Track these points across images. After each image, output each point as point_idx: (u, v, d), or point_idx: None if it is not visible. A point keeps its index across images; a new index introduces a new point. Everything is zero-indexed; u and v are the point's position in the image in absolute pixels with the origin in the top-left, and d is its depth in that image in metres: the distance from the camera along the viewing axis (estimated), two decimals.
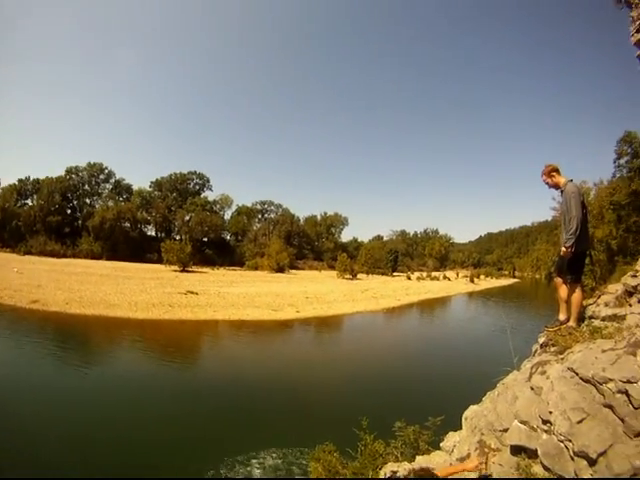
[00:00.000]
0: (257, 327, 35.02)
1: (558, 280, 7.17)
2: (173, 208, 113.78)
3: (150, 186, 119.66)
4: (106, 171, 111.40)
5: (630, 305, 5.98)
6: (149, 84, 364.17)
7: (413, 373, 25.05)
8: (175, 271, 72.81)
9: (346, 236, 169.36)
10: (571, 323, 6.71)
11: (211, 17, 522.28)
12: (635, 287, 6.09)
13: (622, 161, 59.20)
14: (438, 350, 32.00)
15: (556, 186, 7.11)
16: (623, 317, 5.60)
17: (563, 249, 6.74)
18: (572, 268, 6.88)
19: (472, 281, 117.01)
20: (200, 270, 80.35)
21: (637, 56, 7.27)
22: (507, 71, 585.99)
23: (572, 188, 6.76)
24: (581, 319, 6.87)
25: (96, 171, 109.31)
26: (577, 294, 6.76)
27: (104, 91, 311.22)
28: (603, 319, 6.10)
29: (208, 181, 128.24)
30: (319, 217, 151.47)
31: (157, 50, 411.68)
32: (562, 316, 6.98)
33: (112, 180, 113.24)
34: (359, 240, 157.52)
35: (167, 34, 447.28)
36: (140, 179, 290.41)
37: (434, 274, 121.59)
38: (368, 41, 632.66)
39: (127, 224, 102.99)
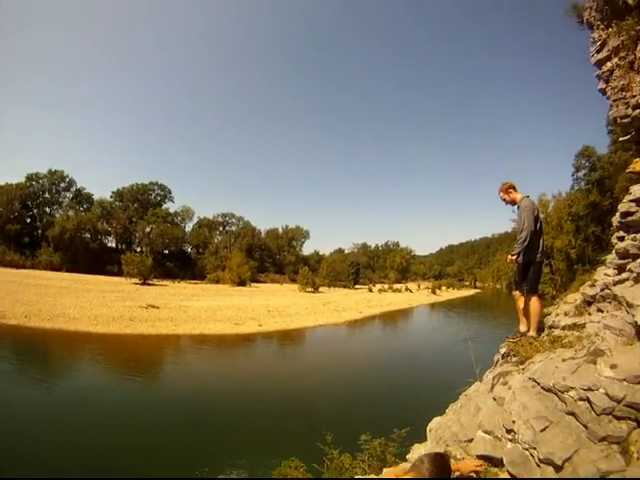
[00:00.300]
0: (219, 341, 34.86)
1: (517, 292, 7.43)
2: (134, 219, 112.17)
3: (111, 196, 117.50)
4: (67, 179, 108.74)
5: (589, 314, 6.22)
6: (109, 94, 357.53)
7: (377, 385, 25.16)
8: (136, 284, 71.74)
9: (308, 249, 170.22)
10: (531, 333, 6.97)
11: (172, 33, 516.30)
12: (594, 296, 6.36)
13: (580, 174, 61.26)
14: (402, 361, 32.21)
15: (513, 202, 7.43)
16: (583, 326, 5.81)
17: (509, 257, 7.10)
18: (527, 278, 7.17)
19: (434, 292, 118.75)
20: (161, 283, 79.52)
21: (596, 75, 7.72)
22: (470, 83, 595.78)
23: (527, 203, 7.11)
24: (541, 329, 7.12)
25: (57, 179, 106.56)
26: (535, 304, 7.03)
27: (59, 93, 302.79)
28: (563, 328, 6.31)
29: (170, 192, 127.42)
30: (281, 230, 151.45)
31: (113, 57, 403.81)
32: (522, 327, 7.23)
33: (73, 189, 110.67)
34: (321, 253, 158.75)
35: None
36: (100, 189, 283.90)
37: (396, 286, 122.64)
38: (331, 55, 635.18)
39: (87, 235, 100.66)
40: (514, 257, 7.00)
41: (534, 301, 7.08)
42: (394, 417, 12.10)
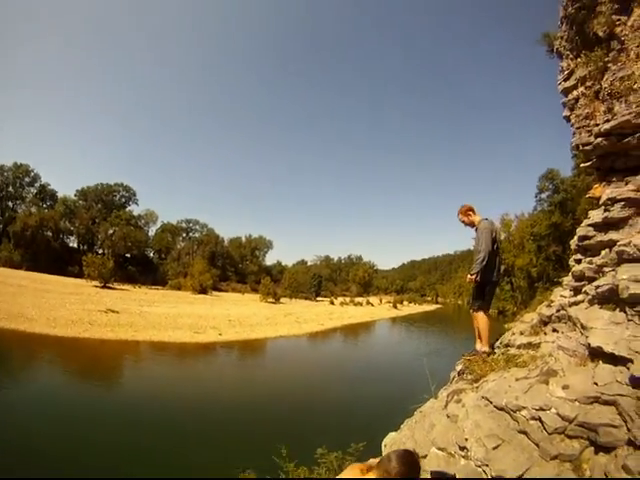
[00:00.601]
0: (179, 349, 34.51)
1: (473, 311, 7.67)
2: (97, 220, 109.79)
3: (75, 195, 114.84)
4: (32, 174, 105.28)
5: (545, 334, 6.44)
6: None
7: (336, 397, 25.17)
8: (96, 287, 70.15)
9: (271, 259, 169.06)
10: (484, 348, 7.27)
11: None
12: (549, 317, 6.61)
13: (543, 196, 62.82)
14: (361, 374, 32.12)
15: (471, 224, 7.78)
16: (538, 345, 6.02)
17: (469, 277, 7.36)
18: (481, 296, 7.51)
19: (395, 307, 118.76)
20: (122, 287, 77.93)
21: (562, 103, 8.07)
22: (436, 104, 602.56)
23: (485, 225, 7.44)
24: (497, 347, 7.43)
25: (22, 173, 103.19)
26: (483, 319, 7.37)
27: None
28: (519, 347, 6.52)
29: (134, 194, 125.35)
30: (244, 239, 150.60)
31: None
32: (479, 345, 7.47)
33: (37, 184, 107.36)
34: (283, 264, 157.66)
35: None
36: (63, 187, 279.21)
37: (357, 300, 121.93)
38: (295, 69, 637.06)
39: (49, 233, 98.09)
40: (473, 277, 7.26)
41: (482, 317, 7.42)
42: (351, 430, 12.30)
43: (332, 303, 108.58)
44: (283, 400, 23.49)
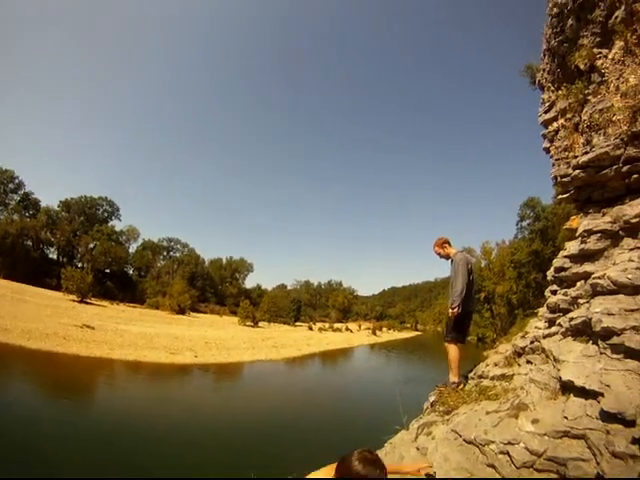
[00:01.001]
0: (154, 370, 34.18)
1: (447, 342, 7.59)
2: (79, 233, 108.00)
3: (59, 206, 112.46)
4: (16, 181, 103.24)
5: (519, 365, 6.44)
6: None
7: (311, 424, 25.03)
8: (74, 301, 69.31)
9: (251, 282, 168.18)
10: (453, 379, 7.26)
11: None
12: (523, 348, 6.59)
13: (524, 223, 63.55)
14: (335, 402, 32.01)
15: (447, 256, 7.82)
16: (511, 377, 6.01)
17: (450, 310, 7.28)
18: (457, 328, 7.45)
19: (374, 333, 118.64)
20: (99, 303, 76.95)
21: (542, 135, 8.17)
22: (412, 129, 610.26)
23: (460, 257, 7.49)
24: (471, 377, 7.43)
25: (6, 179, 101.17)
26: (455, 351, 7.33)
27: None
28: (492, 379, 6.52)
29: (118, 210, 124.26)
30: (225, 261, 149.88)
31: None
32: (452, 377, 7.41)
33: (21, 192, 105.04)
34: (263, 287, 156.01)
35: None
36: (46, 197, 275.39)
37: (336, 325, 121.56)
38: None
39: (29, 242, 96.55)
40: (455, 310, 7.19)
41: (453, 348, 7.39)
42: (321, 460, 12.09)
43: (310, 328, 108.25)
44: (252, 428, 23.17)
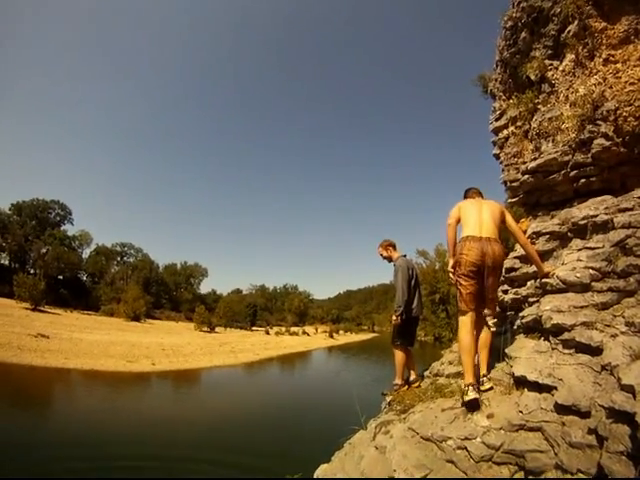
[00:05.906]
0: (111, 378, 33.37)
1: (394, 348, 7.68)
2: (31, 237, 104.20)
3: (10, 209, 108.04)
4: None
5: None
6: None
7: (271, 426, 24.66)
8: (27, 309, 66.93)
9: (205, 288, 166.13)
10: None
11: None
12: None
13: None
14: (293, 404, 31.93)
15: (389, 259, 7.93)
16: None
17: (393, 318, 7.39)
18: (402, 334, 7.54)
19: (331, 336, 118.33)
20: (53, 311, 74.37)
21: (492, 142, 8.47)
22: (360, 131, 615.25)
23: (401, 262, 7.59)
24: (427, 375, 7.48)
25: None
26: (401, 355, 7.46)
27: None
28: (447, 377, 6.58)
29: (70, 214, 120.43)
30: (179, 266, 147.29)
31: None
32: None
33: None
34: (218, 292, 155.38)
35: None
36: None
37: (293, 329, 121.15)
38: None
39: None
40: (398, 317, 7.31)
41: (399, 353, 7.53)
42: (286, 462, 12.17)
43: (267, 333, 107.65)
44: (217, 429, 23.02)
